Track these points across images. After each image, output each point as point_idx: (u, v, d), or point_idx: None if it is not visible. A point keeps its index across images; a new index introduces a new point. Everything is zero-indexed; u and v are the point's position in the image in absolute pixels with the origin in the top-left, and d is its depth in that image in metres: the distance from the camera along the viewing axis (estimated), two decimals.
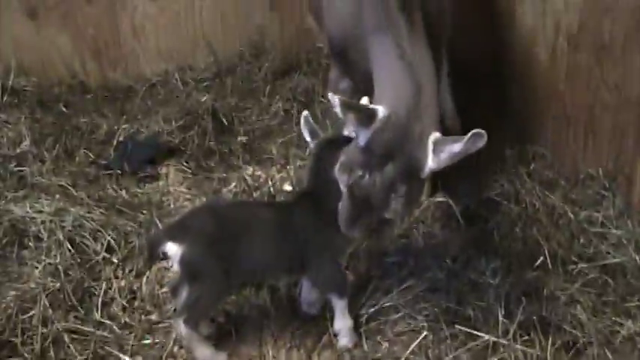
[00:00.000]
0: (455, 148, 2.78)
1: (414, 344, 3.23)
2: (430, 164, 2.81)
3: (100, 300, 3.61)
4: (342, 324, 3.37)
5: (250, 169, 4.63)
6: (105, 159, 4.74)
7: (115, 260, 3.85)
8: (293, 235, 3.29)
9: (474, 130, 2.71)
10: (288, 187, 4.40)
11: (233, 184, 4.45)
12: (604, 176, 4.07)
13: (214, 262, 3.17)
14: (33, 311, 3.44)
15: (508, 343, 3.15)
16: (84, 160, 4.69)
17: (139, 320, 3.55)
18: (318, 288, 3.44)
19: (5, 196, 4.18)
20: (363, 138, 2.85)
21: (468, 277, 3.60)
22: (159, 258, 3.30)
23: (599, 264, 3.62)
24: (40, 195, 4.16)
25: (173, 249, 3.14)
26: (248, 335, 3.49)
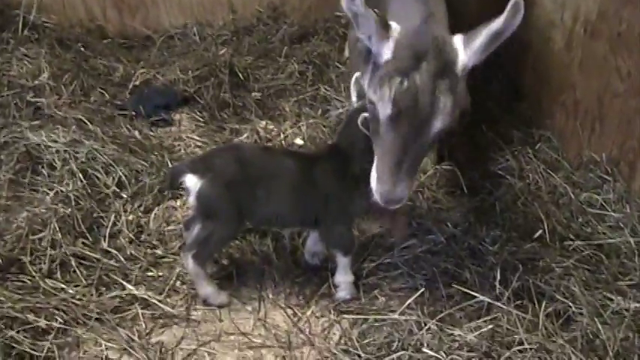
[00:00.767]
0: (494, 26, 2.75)
1: (410, 299, 3.31)
2: (463, 57, 2.83)
3: (108, 231, 3.70)
4: (343, 279, 3.47)
5: (263, 122, 4.70)
6: (120, 100, 4.81)
7: (125, 195, 3.93)
8: (312, 189, 3.33)
9: (512, 1, 2.68)
10: (299, 142, 4.46)
11: (245, 135, 4.52)
12: (607, 162, 4.15)
13: (230, 202, 3.24)
14: (43, 233, 3.54)
15: (502, 306, 3.24)
16: (99, 99, 4.76)
17: (144, 253, 3.64)
18: (325, 244, 3.53)
19: (20, 125, 4.25)
20: (387, 50, 2.86)
21: (467, 242, 3.69)
22: (176, 187, 3.36)
23: (594, 243, 3.71)
24: (56, 126, 4.24)
25: (192, 181, 3.21)
26: (249, 279, 3.59)
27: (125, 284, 3.42)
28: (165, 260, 3.64)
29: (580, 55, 4.37)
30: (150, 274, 3.55)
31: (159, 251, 3.67)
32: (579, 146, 4.38)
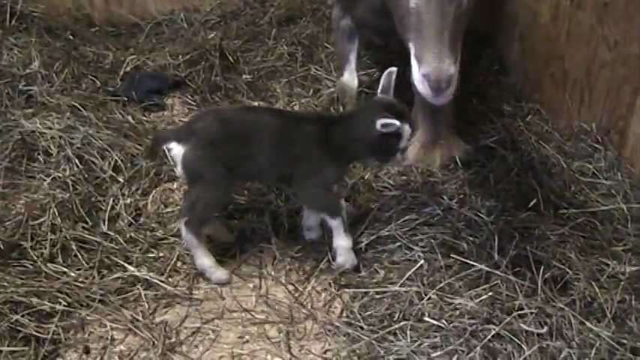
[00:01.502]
0: None
1: (410, 272, 3.36)
2: None
3: (107, 214, 3.72)
4: (339, 242, 3.48)
5: (255, 104, 4.72)
6: (112, 87, 4.84)
7: (121, 180, 3.95)
8: (287, 147, 3.38)
9: None
10: None
11: None
12: (597, 131, 4.21)
13: (215, 162, 3.29)
14: (42, 219, 3.56)
15: (500, 274, 3.29)
16: (91, 86, 4.79)
17: (144, 235, 3.67)
18: (304, 205, 3.58)
19: (13, 113, 4.27)
20: None
21: (463, 214, 3.73)
22: (159, 154, 3.46)
23: (588, 210, 3.75)
24: (50, 113, 4.26)
25: (177, 149, 3.28)
26: (249, 257, 3.62)
27: (127, 266, 3.44)
28: (166, 241, 3.66)
29: (567, 27, 4.41)
30: (150, 255, 3.57)
31: (158, 233, 3.69)
32: (569, 117, 4.43)
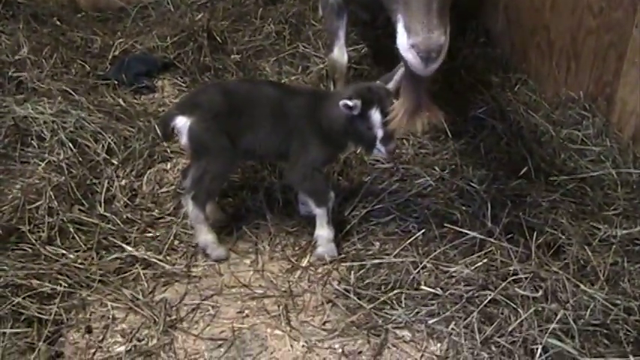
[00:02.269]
0: None
1: (406, 242, 3.41)
2: None
3: (103, 196, 3.74)
4: (320, 233, 3.50)
5: None
6: (102, 71, 4.85)
7: (115, 162, 3.97)
8: (283, 120, 3.41)
9: None
10: None
11: None
12: (585, 98, 4.26)
13: (220, 135, 3.32)
14: (39, 202, 3.58)
15: (494, 241, 3.34)
16: (80, 71, 4.80)
17: (140, 216, 3.70)
18: (294, 185, 3.58)
19: (4, 99, 4.29)
20: None
21: (455, 184, 3.78)
22: (171, 135, 3.43)
23: (578, 177, 3.81)
24: (41, 98, 4.27)
25: (182, 121, 3.31)
26: (245, 234, 3.66)
27: (124, 246, 3.47)
28: (162, 221, 3.69)
29: None
30: (148, 235, 3.60)
31: (154, 213, 3.72)
32: (556, 86, 4.48)
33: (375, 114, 3.22)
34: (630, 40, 3.84)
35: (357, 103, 3.17)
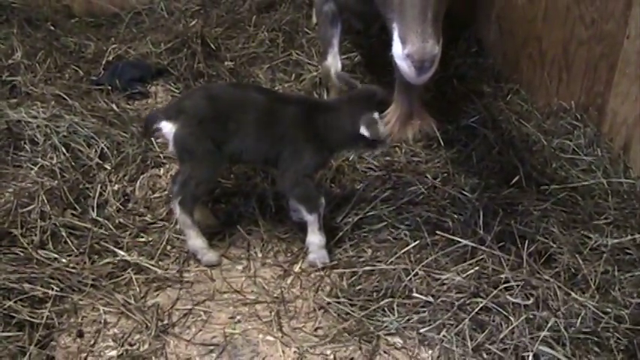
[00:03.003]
0: None
1: (398, 249, 3.43)
2: None
3: (95, 201, 3.74)
4: (312, 239, 3.50)
5: None
6: (95, 76, 4.85)
7: (108, 167, 3.97)
8: (273, 127, 3.41)
9: None
10: None
11: None
12: (576, 108, 4.29)
13: (205, 139, 3.32)
14: (32, 206, 3.58)
15: (486, 249, 3.35)
16: (74, 76, 4.81)
17: (133, 221, 3.70)
18: (285, 192, 3.57)
19: None
20: None
21: (447, 192, 3.79)
22: (152, 134, 3.45)
23: (569, 186, 3.83)
24: (34, 102, 4.28)
25: (168, 127, 3.32)
26: (237, 239, 3.67)
27: (117, 251, 3.47)
28: (155, 226, 3.69)
29: (544, 7, 4.49)
30: (140, 240, 3.60)
31: (147, 218, 3.72)
32: (548, 96, 4.51)
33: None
34: (621, 52, 3.88)
35: (382, 129, 3.31)
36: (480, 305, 3.08)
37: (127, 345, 3.06)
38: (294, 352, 3.04)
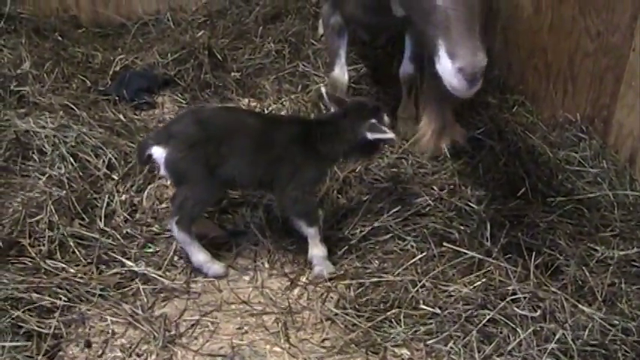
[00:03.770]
0: None
1: (405, 261, 3.44)
2: None
3: (103, 211, 3.75)
4: (315, 252, 3.51)
5: (246, 100, 4.79)
6: (102, 86, 4.88)
7: (116, 177, 3.98)
8: (268, 150, 3.42)
9: None
10: None
11: None
12: (582, 120, 4.30)
13: (197, 163, 3.32)
14: (40, 216, 3.59)
15: (493, 260, 3.37)
16: (81, 86, 4.83)
17: (140, 231, 3.71)
18: (283, 211, 3.60)
19: (6, 113, 4.31)
20: None
21: (454, 203, 3.80)
22: (147, 161, 3.44)
23: (575, 198, 3.84)
24: (42, 112, 4.30)
25: (158, 152, 3.32)
26: (244, 250, 3.68)
27: (124, 261, 3.48)
28: (162, 236, 3.70)
29: (550, 19, 4.51)
30: (148, 250, 3.61)
31: (154, 228, 3.73)
32: (553, 107, 4.52)
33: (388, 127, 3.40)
34: (627, 64, 3.90)
35: (388, 134, 3.38)
36: (488, 317, 3.08)
37: (134, 355, 3.06)
38: None
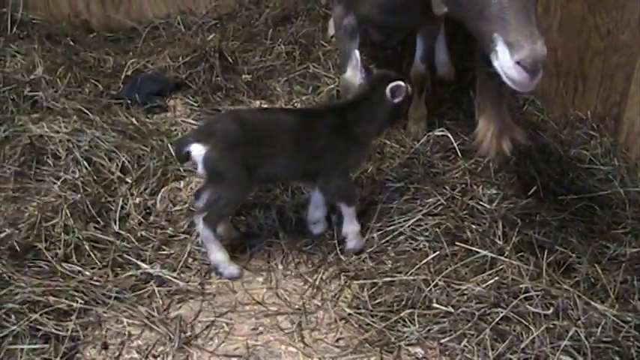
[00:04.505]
0: None
1: (418, 260, 3.46)
2: None
3: (118, 214, 3.78)
4: (350, 229, 3.63)
5: (257, 102, 4.82)
6: (115, 90, 4.91)
7: (129, 180, 4.01)
8: (310, 143, 3.50)
9: None
10: None
11: None
12: (592, 119, 4.31)
13: (235, 163, 3.37)
14: (55, 220, 3.63)
15: (505, 259, 3.39)
16: (94, 90, 4.86)
17: (154, 234, 3.74)
18: (327, 197, 3.67)
19: (20, 118, 4.34)
20: None
21: (466, 203, 3.82)
22: (186, 158, 3.46)
23: (587, 196, 3.86)
24: (56, 117, 4.33)
25: (198, 149, 3.35)
26: (258, 251, 3.71)
27: (139, 263, 3.51)
28: (176, 239, 3.73)
29: (559, 18, 4.51)
30: (162, 252, 3.64)
31: (169, 231, 3.76)
32: (564, 106, 4.53)
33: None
34: (637, 62, 3.90)
35: (403, 84, 3.53)
36: (501, 315, 3.11)
37: (150, 357, 3.10)
38: None
